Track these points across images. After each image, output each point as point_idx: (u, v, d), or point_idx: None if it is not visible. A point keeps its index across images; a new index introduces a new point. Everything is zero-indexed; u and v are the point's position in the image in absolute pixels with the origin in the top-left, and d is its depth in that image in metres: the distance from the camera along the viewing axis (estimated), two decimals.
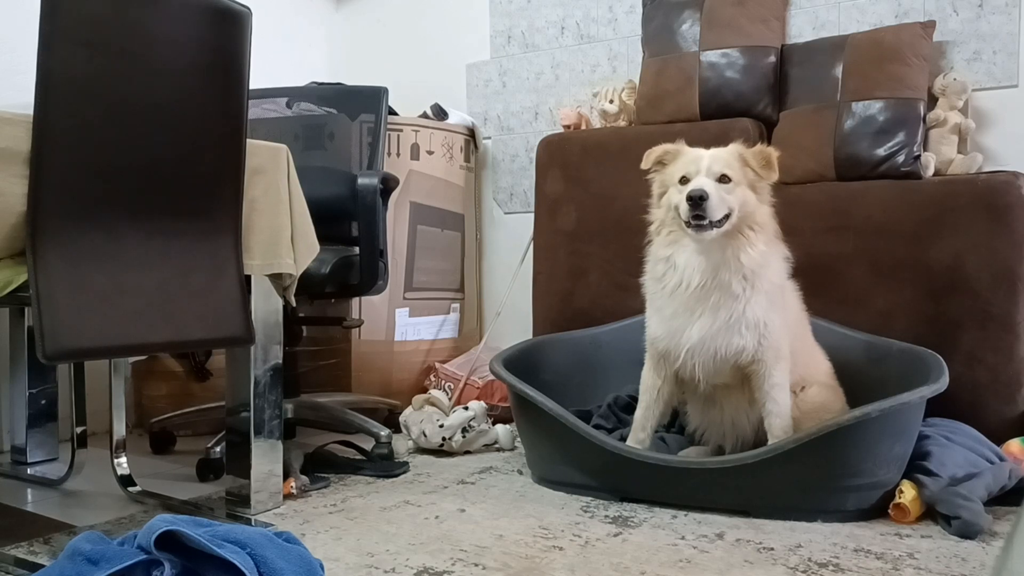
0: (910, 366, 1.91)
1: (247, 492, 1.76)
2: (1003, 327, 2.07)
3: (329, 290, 2.30)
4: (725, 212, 1.75)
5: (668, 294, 1.84)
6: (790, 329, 1.87)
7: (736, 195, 1.77)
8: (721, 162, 1.78)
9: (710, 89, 2.55)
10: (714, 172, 1.76)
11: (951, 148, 2.35)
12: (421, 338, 3.01)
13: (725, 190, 1.75)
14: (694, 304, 1.79)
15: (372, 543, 1.58)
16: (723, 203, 1.74)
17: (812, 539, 1.59)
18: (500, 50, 3.29)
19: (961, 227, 2.12)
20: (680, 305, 1.82)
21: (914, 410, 1.72)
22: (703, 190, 1.71)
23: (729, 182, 1.76)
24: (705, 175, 1.76)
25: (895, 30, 2.38)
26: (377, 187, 2.27)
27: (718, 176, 1.76)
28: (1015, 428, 2.03)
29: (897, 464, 1.71)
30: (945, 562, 1.47)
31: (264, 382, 1.76)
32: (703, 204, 1.71)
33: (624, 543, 1.58)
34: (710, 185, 1.73)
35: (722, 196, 1.74)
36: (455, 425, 2.30)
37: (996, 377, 2.07)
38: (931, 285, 2.16)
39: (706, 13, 2.60)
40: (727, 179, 1.76)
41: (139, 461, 2.23)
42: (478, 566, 1.45)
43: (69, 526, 1.71)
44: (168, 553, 1.14)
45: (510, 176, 3.26)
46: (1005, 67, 2.37)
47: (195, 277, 1.56)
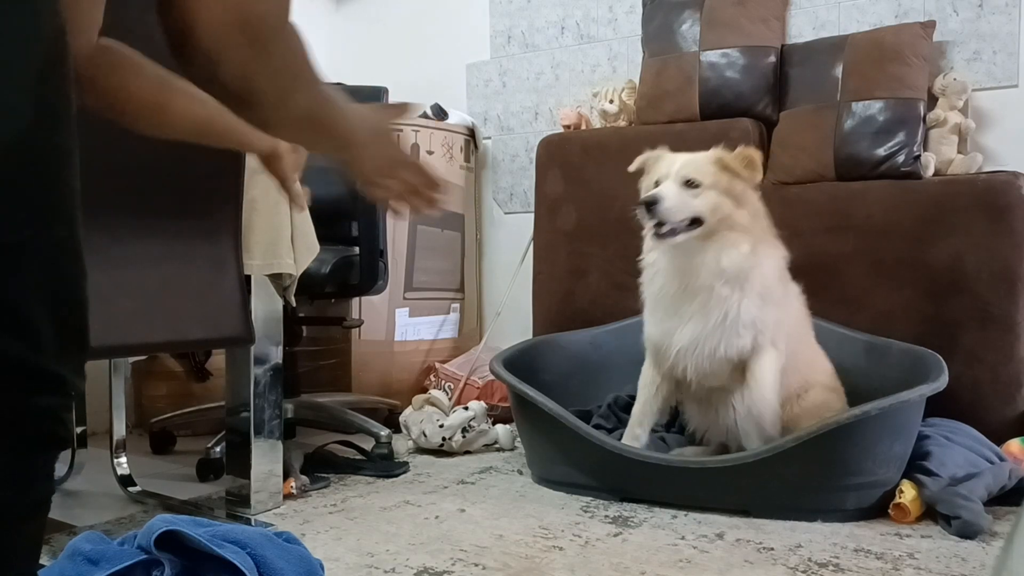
0: (910, 366, 1.91)
1: (247, 492, 1.76)
2: (1003, 327, 2.07)
3: (329, 290, 2.30)
4: (689, 216, 1.74)
5: (655, 297, 1.87)
6: (792, 332, 1.87)
7: (705, 199, 1.75)
8: (690, 167, 1.77)
9: (710, 89, 2.55)
10: (681, 176, 1.75)
11: (951, 148, 2.35)
12: (421, 338, 3.01)
13: (691, 194, 1.74)
14: (682, 307, 1.81)
15: (372, 543, 1.58)
16: (685, 207, 1.73)
17: (812, 539, 1.59)
18: (500, 50, 3.29)
19: (961, 227, 2.12)
20: (669, 307, 1.84)
21: (914, 409, 1.72)
22: (654, 195, 1.72)
23: (697, 187, 1.75)
24: (672, 180, 1.75)
25: (895, 30, 2.38)
26: None
27: (684, 180, 1.75)
28: (1015, 428, 2.03)
29: (897, 463, 1.71)
30: (945, 562, 1.47)
31: (264, 382, 1.76)
32: (654, 208, 1.71)
33: (624, 543, 1.58)
34: (670, 190, 1.73)
35: (685, 200, 1.73)
36: (455, 425, 2.30)
37: (996, 377, 2.07)
38: (931, 285, 2.16)
39: (706, 13, 2.60)
40: (694, 184, 1.75)
41: (139, 461, 2.23)
42: (478, 566, 1.45)
43: (69, 526, 1.71)
44: (168, 553, 1.14)
45: (510, 176, 3.26)
46: (1005, 67, 2.37)
47: (195, 277, 1.56)
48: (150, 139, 1.09)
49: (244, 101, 0.72)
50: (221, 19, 0.62)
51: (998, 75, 2.38)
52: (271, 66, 0.68)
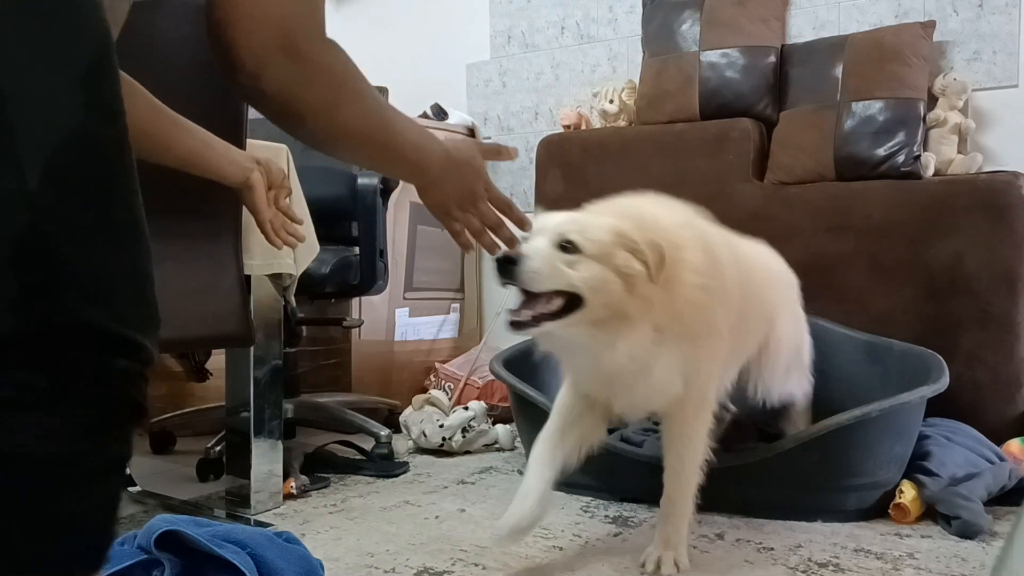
0: (910, 366, 1.91)
1: (247, 492, 1.76)
2: (1003, 327, 2.07)
3: (329, 290, 2.30)
4: (560, 288, 1.25)
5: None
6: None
7: (587, 270, 1.25)
8: (574, 225, 1.28)
9: (710, 89, 2.55)
10: (558, 234, 1.27)
11: (951, 148, 2.35)
12: (421, 338, 3.01)
13: (567, 261, 1.25)
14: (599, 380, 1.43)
15: (372, 543, 1.58)
16: (557, 275, 1.24)
17: (812, 539, 1.59)
18: (500, 50, 3.29)
19: (961, 227, 2.12)
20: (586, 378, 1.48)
21: (914, 410, 1.72)
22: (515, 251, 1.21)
23: (576, 252, 1.26)
24: (546, 236, 1.27)
25: (895, 30, 2.38)
26: (377, 187, 2.27)
27: (562, 241, 1.26)
28: (1015, 428, 2.03)
29: (897, 464, 1.71)
30: (945, 562, 1.47)
31: (264, 382, 1.76)
32: (512, 270, 1.22)
33: (624, 543, 1.58)
34: (539, 246, 1.25)
35: (557, 266, 1.24)
36: (455, 425, 2.30)
37: (996, 377, 2.07)
38: (931, 285, 2.16)
39: (706, 13, 2.60)
40: (573, 248, 1.26)
41: (139, 461, 2.23)
42: (478, 566, 1.45)
43: None
44: (168, 553, 1.14)
45: (510, 176, 3.25)
46: (1005, 67, 2.37)
47: (195, 277, 1.56)
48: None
49: (290, 116, 0.77)
50: (260, 38, 0.68)
51: (998, 75, 2.38)
52: (312, 81, 0.74)
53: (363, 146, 0.90)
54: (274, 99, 0.76)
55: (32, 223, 0.59)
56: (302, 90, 0.77)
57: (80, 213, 0.62)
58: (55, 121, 0.61)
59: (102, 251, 0.64)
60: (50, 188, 0.60)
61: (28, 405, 0.60)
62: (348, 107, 0.83)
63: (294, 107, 0.78)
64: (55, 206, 0.61)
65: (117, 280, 0.65)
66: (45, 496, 0.61)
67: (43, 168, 0.60)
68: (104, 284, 0.64)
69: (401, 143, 0.93)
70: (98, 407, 0.64)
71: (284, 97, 0.76)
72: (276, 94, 0.75)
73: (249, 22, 0.72)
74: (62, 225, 0.61)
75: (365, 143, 0.89)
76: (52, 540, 0.62)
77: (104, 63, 0.65)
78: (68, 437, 0.62)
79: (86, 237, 0.63)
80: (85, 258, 0.63)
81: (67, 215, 0.62)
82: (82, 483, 0.64)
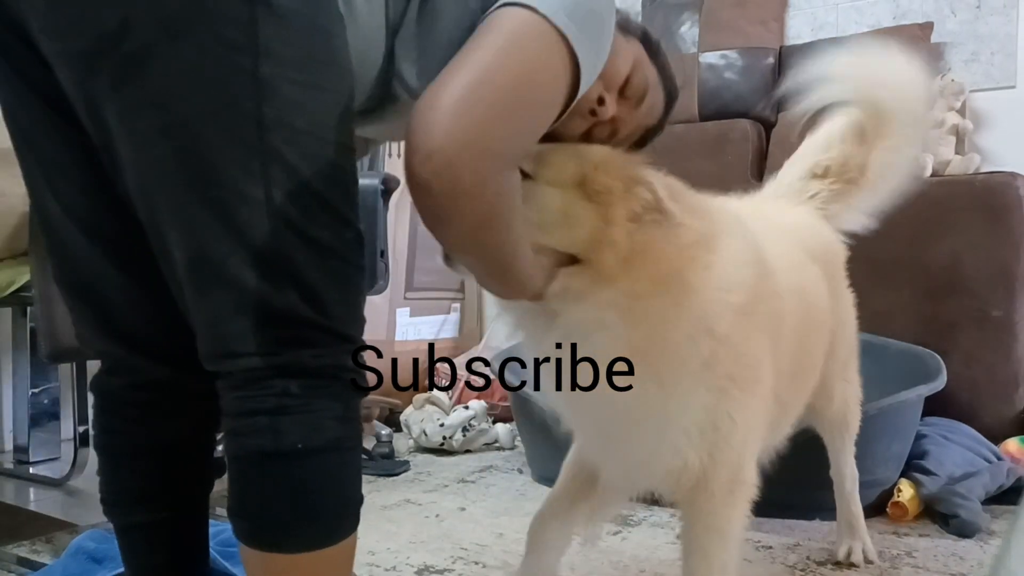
0: (908, 366, 1.92)
1: None
2: (1001, 327, 2.08)
3: None
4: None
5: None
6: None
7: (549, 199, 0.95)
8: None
9: (709, 90, 2.56)
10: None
11: (949, 149, 2.35)
12: (421, 338, 3.01)
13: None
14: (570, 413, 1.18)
15: (373, 542, 1.58)
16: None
17: (810, 537, 1.60)
18: None
19: (959, 228, 2.13)
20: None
21: (912, 409, 1.73)
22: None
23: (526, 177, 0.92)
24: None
25: (893, 32, 2.39)
26: (378, 188, 2.27)
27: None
28: (1013, 427, 2.04)
29: (895, 463, 1.72)
30: (943, 561, 1.47)
31: None
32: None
33: (624, 542, 1.59)
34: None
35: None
36: (455, 424, 2.30)
37: (994, 377, 2.08)
38: (929, 285, 2.16)
39: (705, 14, 2.61)
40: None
41: None
42: (478, 564, 1.46)
43: (71, 525, 1.71)
44: None
45: None
46: (1003, 68, 2.38)
47: None
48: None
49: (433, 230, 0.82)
50: (414, 174, 0.76)
51: (996, 76, 2.39)
52: (459, 212, 0.78)
53: (487, 265, 0.90)
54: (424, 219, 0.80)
55: (274, 231, 0.74)
56: (444, 217, 0.80)
57: (321, 230, 0.77)
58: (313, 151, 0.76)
59: (331, 265, 0.79)
60: (297, 208, 0.75)
61: (289, 409, 0.77)
62: (492, 238, 0.83)
63: (434, 231, 0.82)
64: (299, 222, 0.76)
65: (339, 290, 0.81)
66: (326, 478, 0.80)
67: (293, 189, 0.75)
68: (331, 294, 0.80)
69: (524, 280, 0.91)
70: (341, 399, 0.81)
71: (431, 225, 0.81)
72: (425, 221, 0.81)
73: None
74: (304, 240, 0.76)
75: (491, 269, 0.91)
76: (343, 507, 0.84)
77: (349, 110, 0.80)
78: (326, 428, 0.79)
79: (321, 253, 0.78)
80: (316, 272, 0.78)
81: (310, 232, 0.77)
82: (349, 456, 0.83)
